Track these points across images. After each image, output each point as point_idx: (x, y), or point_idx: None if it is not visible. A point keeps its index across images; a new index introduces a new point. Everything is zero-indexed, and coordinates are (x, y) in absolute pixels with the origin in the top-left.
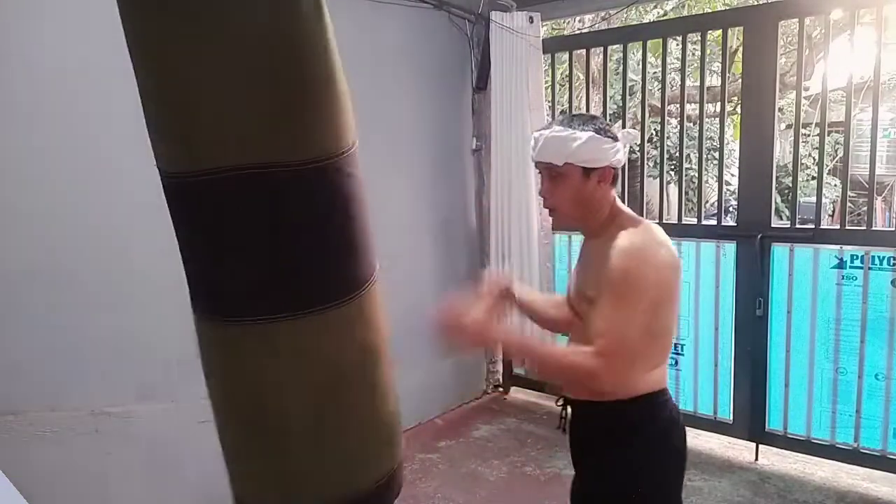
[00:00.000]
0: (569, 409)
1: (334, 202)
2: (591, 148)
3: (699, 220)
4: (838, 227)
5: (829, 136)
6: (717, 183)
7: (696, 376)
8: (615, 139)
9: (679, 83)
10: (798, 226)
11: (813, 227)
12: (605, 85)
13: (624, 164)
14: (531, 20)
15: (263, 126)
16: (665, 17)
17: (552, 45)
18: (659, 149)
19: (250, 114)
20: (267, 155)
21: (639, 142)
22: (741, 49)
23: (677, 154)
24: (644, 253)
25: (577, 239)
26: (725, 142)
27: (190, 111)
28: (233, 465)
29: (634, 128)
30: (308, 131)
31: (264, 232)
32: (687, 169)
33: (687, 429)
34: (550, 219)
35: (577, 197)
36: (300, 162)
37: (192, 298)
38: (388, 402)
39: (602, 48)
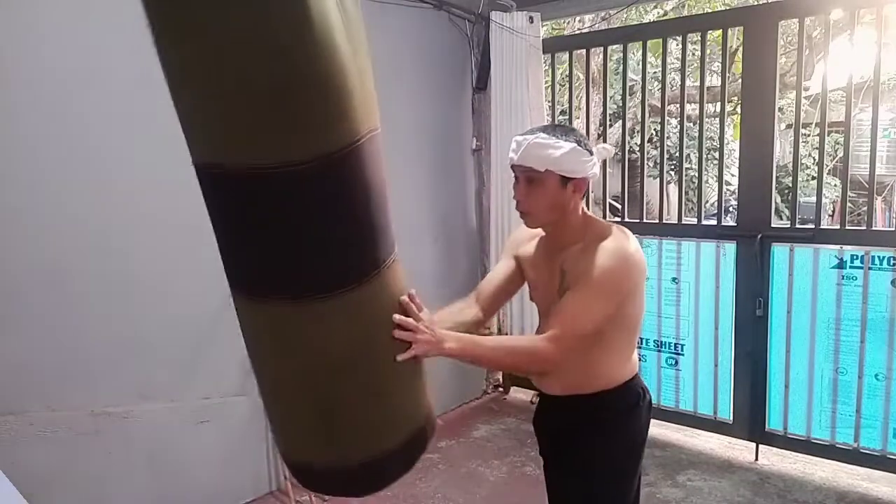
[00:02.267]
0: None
1: (318, 202)
2: (571, 158)
3: (699, 220)
4: (838, 227)
5: (829, 136)
6: (717, 183)
7: (696, 376)
8: (591, 153)
9: (679, 83)
10: (798, 226)
11: (813, 227)
12: (605, 85)
13: (625, 166)
14: (531, 20)
15: (245, 130)
16: (665, 17)
17: (552, 45)
18: (659, 149)
19: (229, 118)
20: (251, 158)
21: (611, 157)
22: (741, 49)
23: (677, 154)
24: (627, 258)
25: None
26: (725, 142)
27: (195, 111)
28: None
29: (634, 128)
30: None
31: (267, 225)
32: (687, 169)
33: (687, 429)
34: None
35: (552, 203)
36: (288, 163)
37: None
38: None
39: (602, 48)
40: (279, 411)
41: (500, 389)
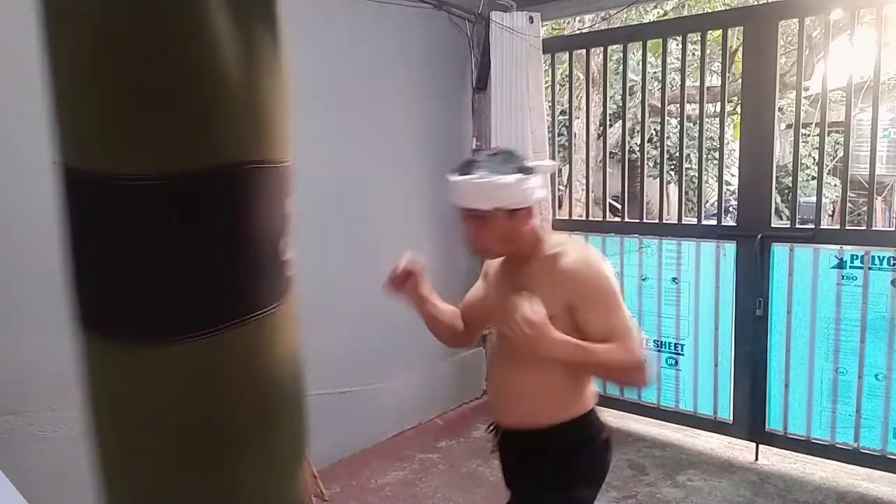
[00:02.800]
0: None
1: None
2: (515, 191)
3: (699, 220)
4: (838, 227)
5: (829, 136)
6: (717, 183)
7: (696, 376)
8: (533, 171)
9: (679, 83)
10: (798, 226)
11: (813, 227)
12: (605, 85)
13: (625, 166)
14: (531, 20)
15: (96, 130)
16: (665, 17)
17: (552, 45)
18: (659, 149)
19: (81, 117)
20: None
21: (554, 172)
22: (741, 49)
23: (677, 154)
24: (603, 266)
25: (578, 238)
26: (725, 142)
27: (55, 107)
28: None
29: (634, 128)
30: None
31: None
32: (687, 169)
33: (687, 429)
34: (550, 219)
35: (504, 237)
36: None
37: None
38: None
39: (602, 48)
40: (97, 469)
41: None
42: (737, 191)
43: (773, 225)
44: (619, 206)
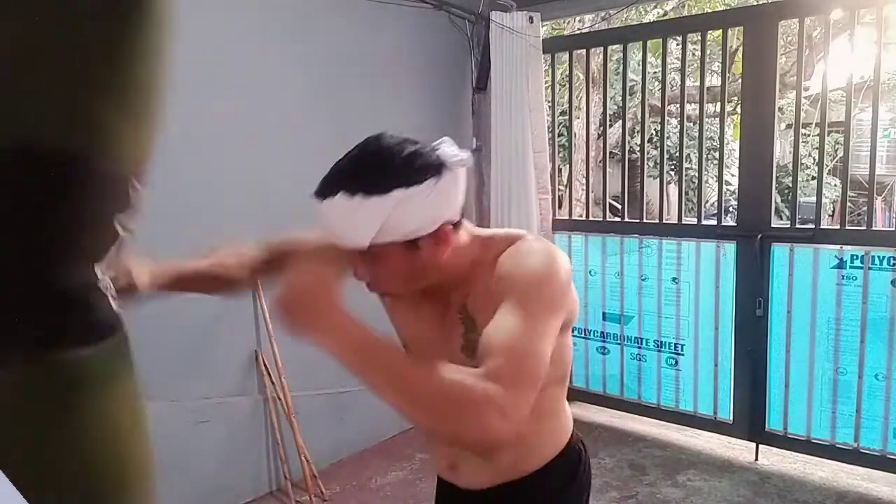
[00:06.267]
0: None
1: None
2: (405, 215)
3: (699, 220)
4: (838, 227)
5: (829, 136)
6: (717, 183)
7: (696, 376)
8: (438, 170)
9: (679, 83)
10: (798, 226)
11: (813, 227)
12: (605, 85)
13: (625, 166)
14: (531, 20)
15: None
16: (665, 17)
17: (552, 45)
18: (659, 149)
19: None
20: None
21: (463, 157)
22: (741, 49)
23: (677, 154)
24: (555, 259)
25: (578, 238)
26: (725, 142)
27: None
28: None
29: (634, 128)
30: None
31: None
32: (687, 169)
33: (687, 429)
34: (550, 219)
35: (409, 274)
36: None
37: None
38: None
39: (602, 48)
40: None
41: None
42: (737, 191)
43: (773, 225)
44: (619, 206)
